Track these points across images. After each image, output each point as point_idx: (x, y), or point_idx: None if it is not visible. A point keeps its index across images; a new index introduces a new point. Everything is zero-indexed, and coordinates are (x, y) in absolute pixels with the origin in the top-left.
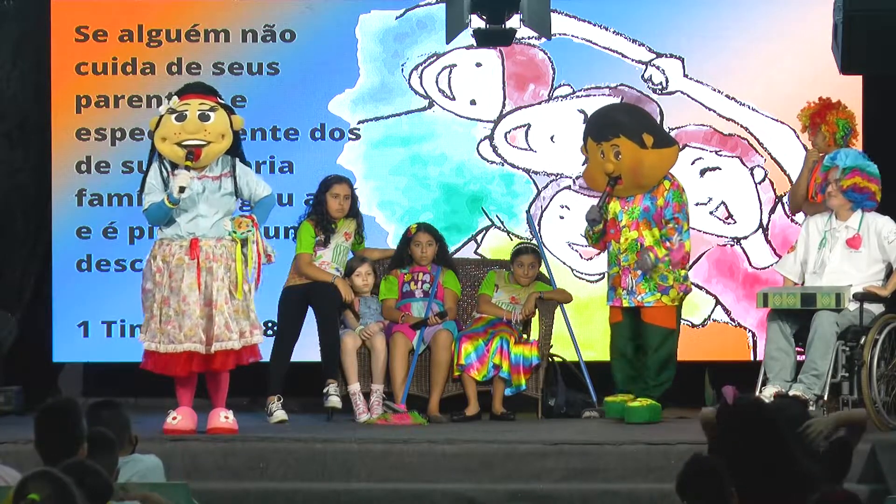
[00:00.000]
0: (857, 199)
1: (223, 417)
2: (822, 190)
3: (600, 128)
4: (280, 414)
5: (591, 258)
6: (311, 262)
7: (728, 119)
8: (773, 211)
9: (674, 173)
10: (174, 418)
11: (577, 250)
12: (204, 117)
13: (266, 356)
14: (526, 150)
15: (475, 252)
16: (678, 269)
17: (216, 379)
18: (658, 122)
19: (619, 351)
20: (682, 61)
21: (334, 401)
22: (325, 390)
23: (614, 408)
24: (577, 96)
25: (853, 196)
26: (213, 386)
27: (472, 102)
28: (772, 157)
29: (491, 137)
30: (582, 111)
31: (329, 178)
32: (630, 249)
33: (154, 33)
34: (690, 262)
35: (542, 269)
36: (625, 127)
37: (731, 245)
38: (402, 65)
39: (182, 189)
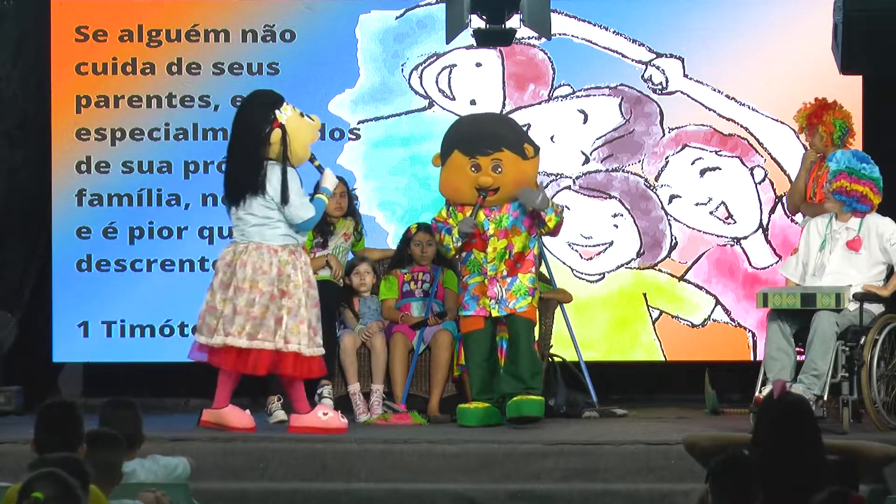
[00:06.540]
0: (847, 201)
1: None
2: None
3: (476, 142)
4: (280, 414)
5: (591, 258)
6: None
7: (728, 119)
8: (773, 211)
9: None
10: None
11: (577, 250)
12: None
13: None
14: None
15: None
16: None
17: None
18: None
19: (481, 359)
20: (682, 61)
21: (326, 403)
22: (318, 391)
23: (476, 414)
24: (577, 96)
25: (842, 199)
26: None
27: (472, 102)
28: (772, 157)
29: None
30: (582, 111)
31: None
32: (499, 258)
33: (154, 33)
34: (690, 262)
35: (543, 269)
36: (507, 140)
37: (731, 245)
38: (402, 65)
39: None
